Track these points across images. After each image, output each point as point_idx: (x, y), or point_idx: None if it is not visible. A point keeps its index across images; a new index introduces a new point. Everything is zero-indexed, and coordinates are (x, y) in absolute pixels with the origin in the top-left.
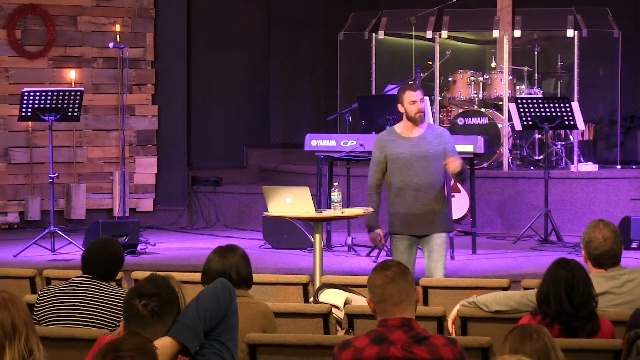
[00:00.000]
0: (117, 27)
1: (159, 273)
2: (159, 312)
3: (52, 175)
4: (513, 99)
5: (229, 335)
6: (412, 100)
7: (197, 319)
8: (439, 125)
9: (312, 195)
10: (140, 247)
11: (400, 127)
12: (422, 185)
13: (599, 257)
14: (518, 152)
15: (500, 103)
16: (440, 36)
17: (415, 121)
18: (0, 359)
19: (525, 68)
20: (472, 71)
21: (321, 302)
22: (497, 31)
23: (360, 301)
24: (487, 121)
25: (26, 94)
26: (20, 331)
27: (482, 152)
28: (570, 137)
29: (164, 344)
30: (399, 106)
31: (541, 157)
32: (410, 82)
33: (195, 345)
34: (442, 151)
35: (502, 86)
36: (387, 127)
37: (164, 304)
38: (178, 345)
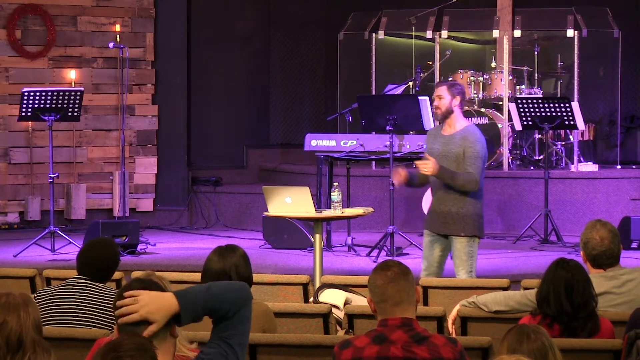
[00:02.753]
0: (117, 27)
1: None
2: None
3: (52, 175)
4: (513, 99)
5: (239, 340)
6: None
7: (203, 293)
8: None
9: (312, 195)
10: (140, 247)
11: (444, 123)
12: (442, 185)
13: (597, 257)
14: (518, 152)
15: (500, 103)
16: (440, 36)
17: (436, 117)
18: None
19: (525, 68)
20: (472, 71)
21: (321, 302)
22: (497, 31)
23: (360, 301)
24: (487, 121)
25: (26, 94)
26: (26, 348)
27: None
28: (570, 137)
29: (164, 295)
30: None
31: (541, 157)
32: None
33: (189, 313)
34: (462, 153)
35: (502, 86)
36: (388, 127)
37: None
38: (177, 304)
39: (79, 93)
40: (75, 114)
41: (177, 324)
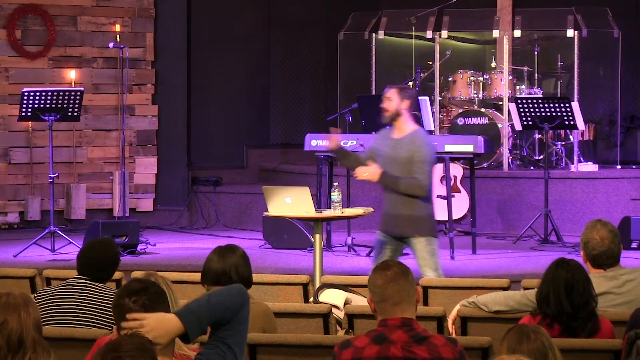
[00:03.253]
0: (117, 27)
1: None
2: (150, 304)
3: (52, 175)
4: (513, 99)
5: (236, 340)
6: None
7: (204, 307)
8: (439, 125)
9: (312, 195)
10: (140, 247)
11: (394, 127)
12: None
13: (597, 257)
14: (518, 152)
15: (500, 103)
16: (440, 36)
17: (383, 119)
18: None
19: (525, 68)
20: (472, 71)
21: (321, 302)
22: (497, 31)
23: (360, 301)
24: (487, 121)
25: (26, 94)
26: (26, 348)
27: (482, 152)
28: (570, 137)
29: (168, 318)
30: None
31: (541, 157)
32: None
33: (195, 331)
34: (410, 157)
35: (502, 86)
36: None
37: (153, 297)
38: (181, 326)
39: (79, 93)
40: (75, 114)
41: (185, 342)
